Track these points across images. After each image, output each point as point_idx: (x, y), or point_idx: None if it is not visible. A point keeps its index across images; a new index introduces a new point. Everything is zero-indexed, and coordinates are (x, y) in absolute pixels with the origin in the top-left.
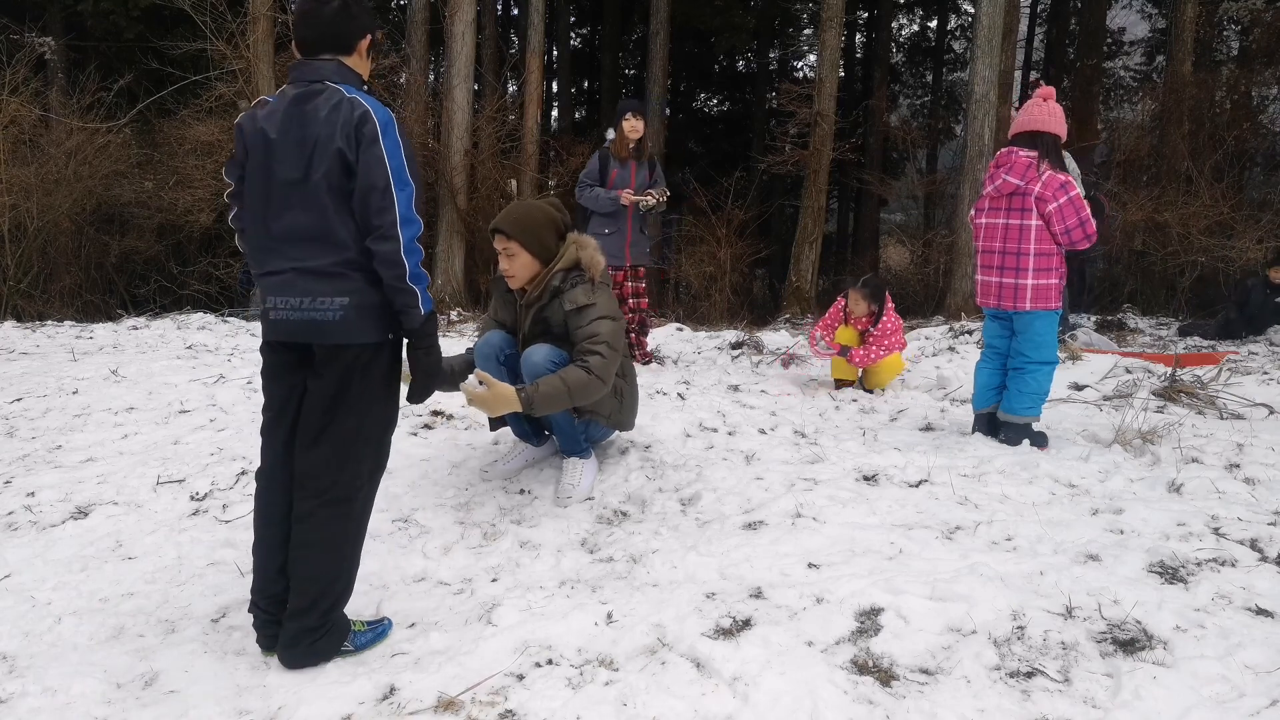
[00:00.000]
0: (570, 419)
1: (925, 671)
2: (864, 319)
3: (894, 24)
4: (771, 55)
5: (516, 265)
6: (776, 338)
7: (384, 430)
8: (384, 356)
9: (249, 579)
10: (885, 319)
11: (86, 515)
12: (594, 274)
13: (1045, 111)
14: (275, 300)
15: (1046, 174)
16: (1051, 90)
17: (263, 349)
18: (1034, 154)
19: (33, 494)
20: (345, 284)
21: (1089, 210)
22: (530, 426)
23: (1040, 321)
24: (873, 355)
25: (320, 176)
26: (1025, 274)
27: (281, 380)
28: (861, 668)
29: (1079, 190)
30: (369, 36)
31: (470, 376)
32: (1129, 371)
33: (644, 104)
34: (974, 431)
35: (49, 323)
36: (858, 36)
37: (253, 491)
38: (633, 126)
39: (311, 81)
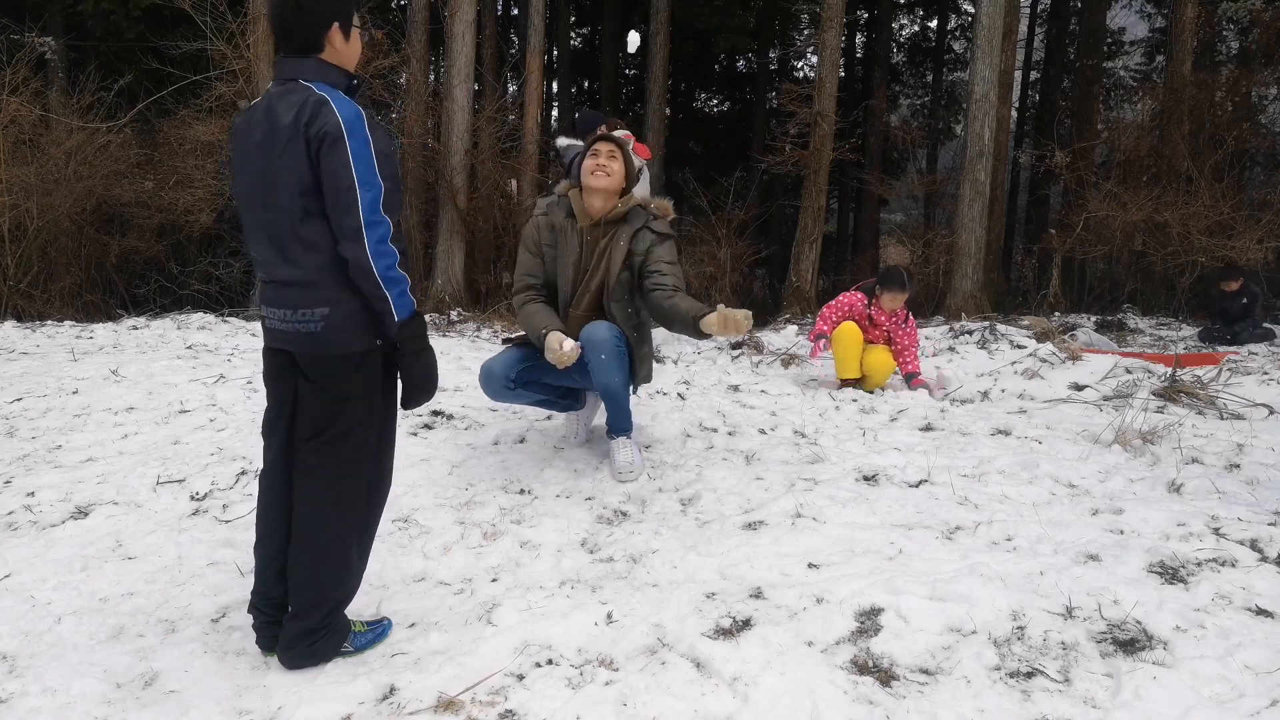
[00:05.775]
0: (629, 392)
1: (925, 671)
2: (898, 313)
3: (894, 24)
4: (771, 55)
5: (615, 168)
6: (777, 338)
7: (378, 436)
8: (370, 363)
9: (249, 579)
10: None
11: (86, 515)
12: (665, 214)
13: None
14: (268, 311)
15: None
16: None
17: (264, 351)
18: None
19: (33, 494)
20: (323, 293)
21: None
22: (567, 399)
23: None
24: (914, 357)
25: (286, 182)
26: None
27: (281, 381)
28: (861, 668)
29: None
30: (336, 24)
31: (567, 345)
32: (1129, 371)
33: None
34: None
35: (49, 323)
36: (858, 36)
37: (253, 491)
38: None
39: (288, 79)
